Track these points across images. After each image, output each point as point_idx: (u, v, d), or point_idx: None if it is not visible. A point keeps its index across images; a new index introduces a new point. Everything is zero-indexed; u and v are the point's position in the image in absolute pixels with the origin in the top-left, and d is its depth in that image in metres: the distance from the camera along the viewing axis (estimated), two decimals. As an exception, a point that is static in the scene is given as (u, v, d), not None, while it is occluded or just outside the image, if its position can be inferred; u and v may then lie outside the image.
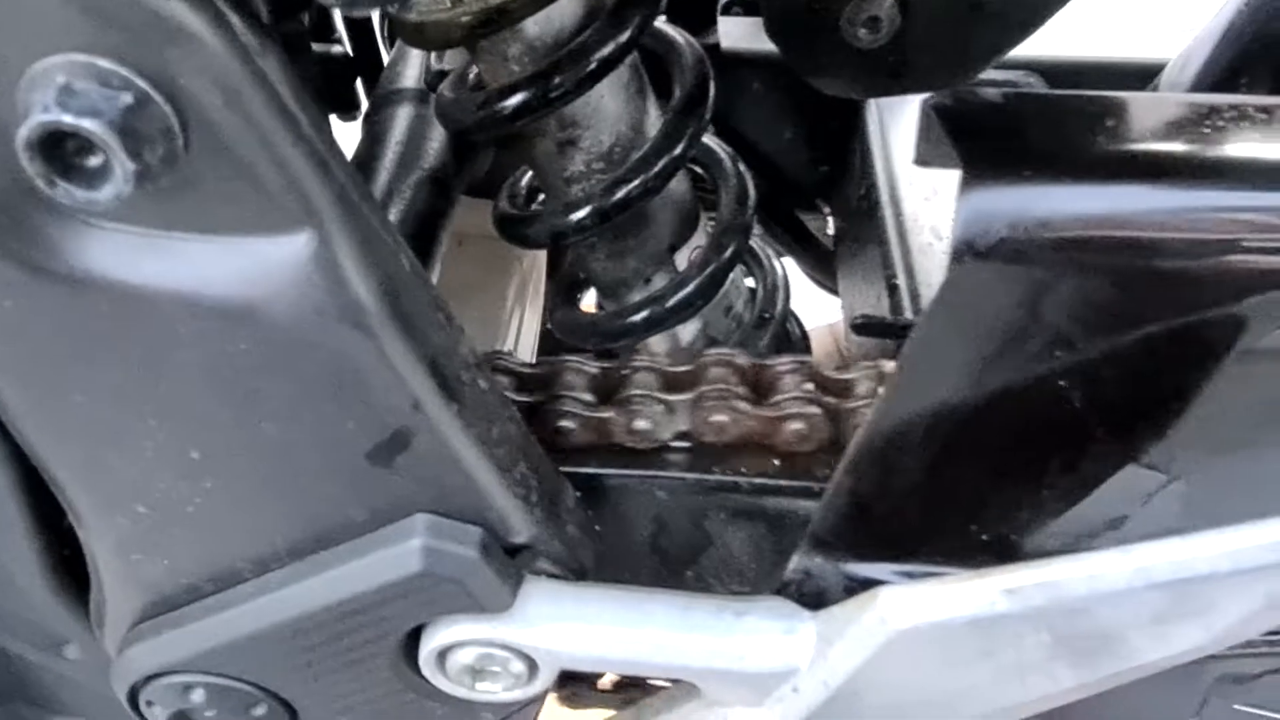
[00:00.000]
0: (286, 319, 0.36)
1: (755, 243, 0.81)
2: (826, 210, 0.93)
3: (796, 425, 0.53)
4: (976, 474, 0.46)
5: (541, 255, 0.99)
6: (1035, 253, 0.39)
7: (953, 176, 0.40)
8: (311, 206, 0.35)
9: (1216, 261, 0.39)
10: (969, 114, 0.43)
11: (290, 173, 0.34)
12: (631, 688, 0.81)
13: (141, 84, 0.31)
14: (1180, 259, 0.39)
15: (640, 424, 0.53)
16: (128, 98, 0.31)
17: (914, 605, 0.42)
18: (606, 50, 0.59)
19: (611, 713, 0.61)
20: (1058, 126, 0.42)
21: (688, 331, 0.75)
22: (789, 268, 0.94)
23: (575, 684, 0.82)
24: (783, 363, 0.56)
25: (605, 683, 0.86)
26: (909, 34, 0.57)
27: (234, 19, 0.32)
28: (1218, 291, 0.40)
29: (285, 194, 0.34)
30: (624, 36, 0.59)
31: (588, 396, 0.56)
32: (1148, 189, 0.39)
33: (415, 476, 0.42)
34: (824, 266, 0.92)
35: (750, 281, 0.80)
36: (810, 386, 0.54)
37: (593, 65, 0.59)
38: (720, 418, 0.52)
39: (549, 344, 0.97)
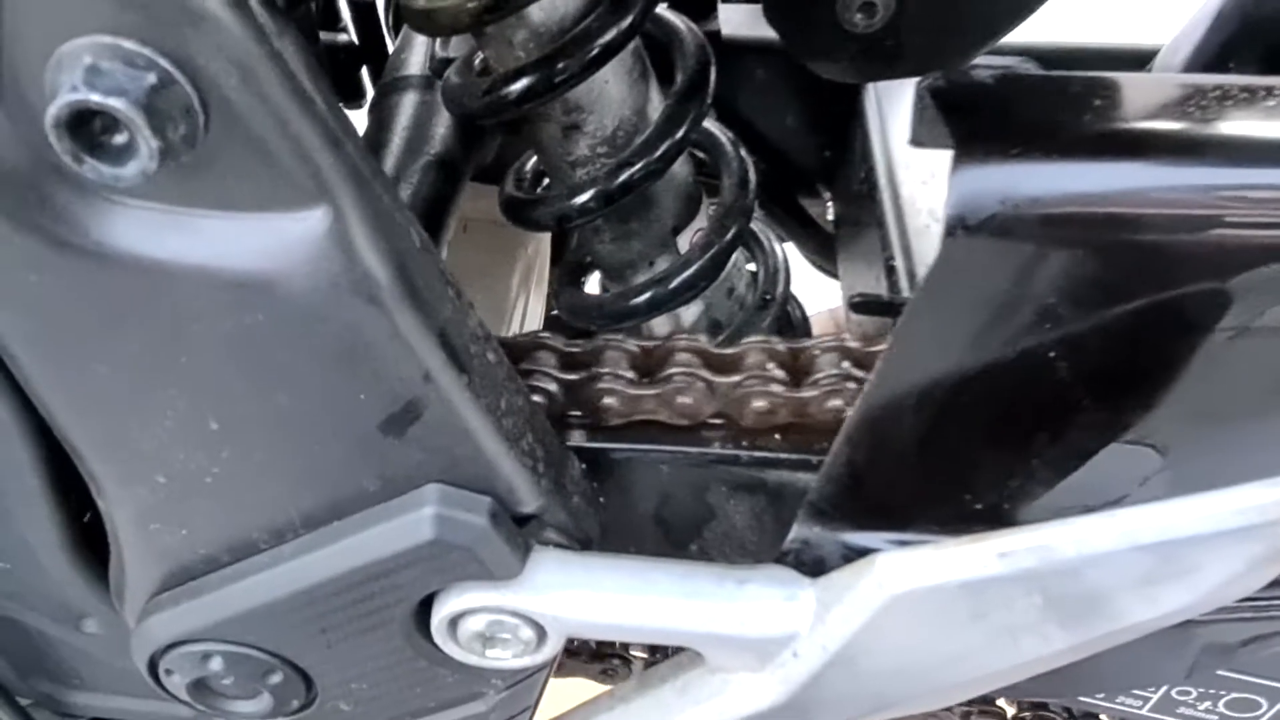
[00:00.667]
0: (302, 293, 0.38)
1: (757, 226, 0.82)
2: (828, 195, 0.94)
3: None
4: (969, 445, 0.47)
5: (546, 241, 1.00)
6: (1025, 228, 0.40)
7: (948, 160, 0.42)
8: (326, 184, 0.36)
9: (1200, 237, 0.40)
10: (962, 94, 0.44)
11: (305, 151, 0.36)
12: (611, 657, 0.82)
13: (164, 64, 0.32)
14: (1165, 234, 0.40)
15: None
16: (151, 77, 0.32)
17: (909, 570, 0.44)
18: (609, 36, 0.60)
19: (610, 686, 0.63)
20: (1047, 106, 0.43)
21: (690, 313, 0.77)
22: (791, 253, 0.96)
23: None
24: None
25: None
26: (904, 18, 0.59)
27: (251, 1, 0.33)
28: (1202, 267, 0.41)
29: (300, 171, 0.36)
30: (626, 22, 0.61)
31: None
32: (1133, 166, 0.41)
33: (427, 447, 0.43)
34: (825, 251, 0.93)
35: (752, 266, 0.81)
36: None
37: (596, 51, 0.60)
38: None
39: (553, 328, 0.98)
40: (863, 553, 0.49)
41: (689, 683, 0.53)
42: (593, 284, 0.83)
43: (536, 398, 0.55)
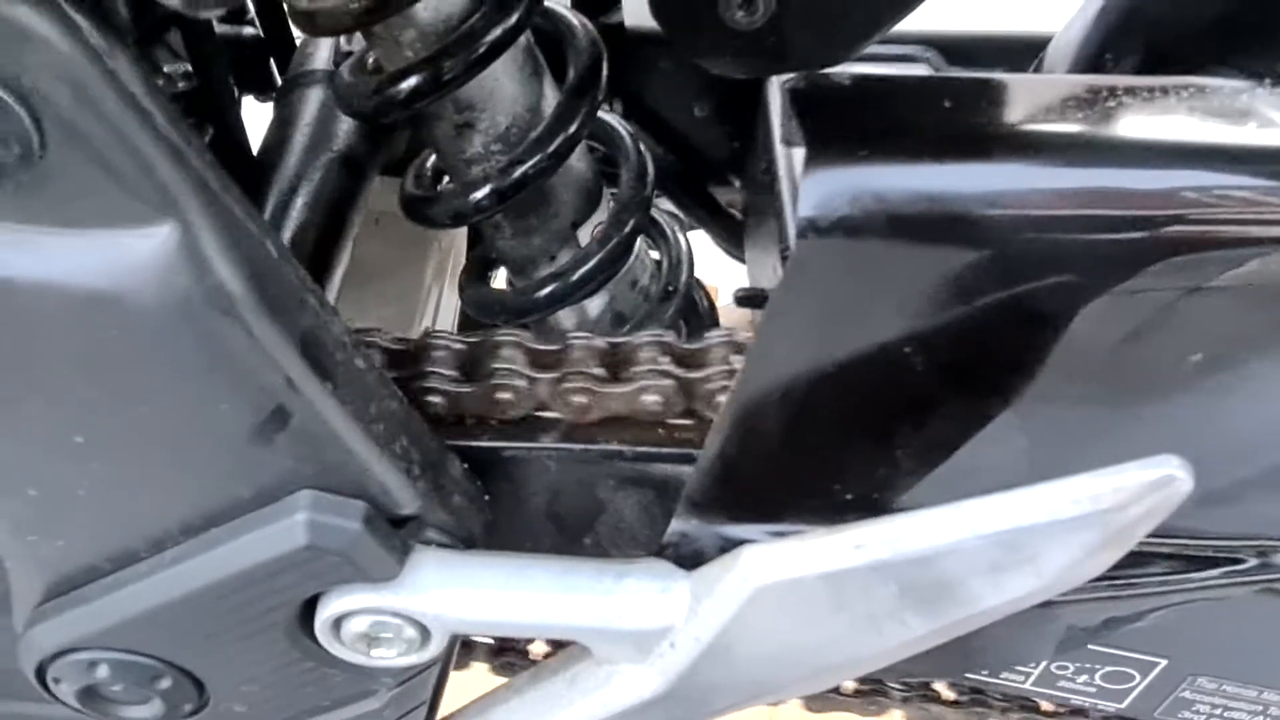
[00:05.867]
0: (154, 308, 0.38)
1: (661, 218, 0.83)
2: (738, 184, 0.95)
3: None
4: (834, 438, 0.49)
5: (461, 235, 1.00)
6: (873, 229, 0.42)
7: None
8: (171, 198, 0.37)
9: (1041, 237, 0.42)
10: (817, 95, 0.45)
11: (147, 166, 0.36)
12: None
13: (-9, 86, 0.32)
14: (1007, 235, 0.42)
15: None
16: (-23, 99, 0.32)
17: (772, 562, 0.45)
18: (496, 34, 0.61)
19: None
20: (898, 108, 0.44)
21: (595, 305, 0.77)
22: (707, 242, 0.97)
23: (508, 654, 0.85)
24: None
25: (537, 651, 0.88)
26: (785, 14, 0.59)
27: (81, 21, 0.33)
28: (1043, 266, 0.42)
29: (144, 187, 0.36)
30: (512, 20, 0.61)
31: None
32: (977, 167, 0.42)
33: (296, 454, 0.44)
34: (736, 239, 0.94)
35: (657, 255, 0.82)
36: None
37: (483, 49, 0.61)
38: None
39: (468, 324, 0.98)
40: (739, 545, 0.50)
41: (577, 675, 0.54)
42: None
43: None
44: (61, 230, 0.37)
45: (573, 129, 0.66)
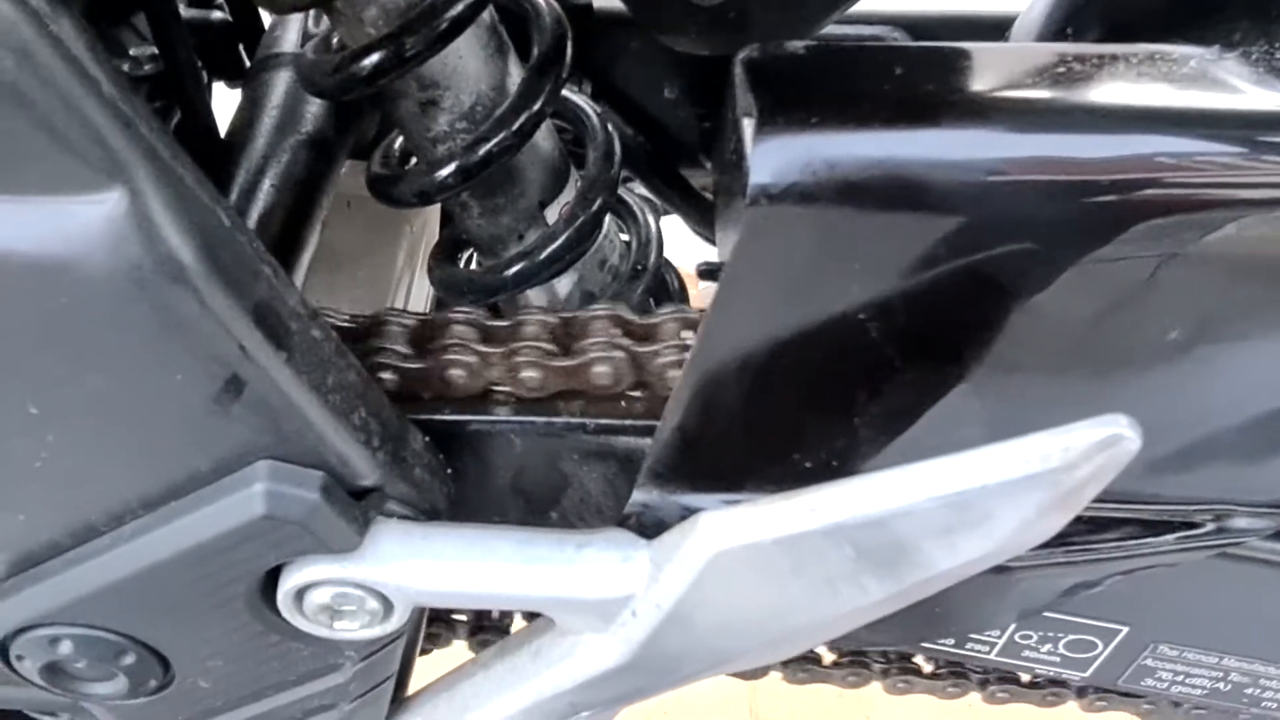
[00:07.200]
0: (104, 276, 0.38)
1: (631, 198, 0.83)
2: (710, 167, 0.95)
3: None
4: (792, 406, 0.49)
5: (433, 218, 1.00)
6: (824, 196, 0.42)
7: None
8: (119, 164, 0.36)
9: (987, 202, 0.42)
10: (769, 64, 0.45)
11: (94, 132, 0.36)
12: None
13: (-69, 49, 0.32)
14: (956, 201, 0.42)
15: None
16: (-83, 62, 0.32)
17: (730, 527, 0.45)
18: (457, 10, 0.61)
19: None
20: (850, 75, 0.45)
21: (564, 285, 0.78)
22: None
23: (486, 632, 0.85)
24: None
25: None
26: (746, -10, 0.60)
27: (22, -15, 0.33)
28: (990, 232, 0.43)
29: (91, 152, 0.36)
30: (474, -4, 0.61)
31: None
32: (926, 133, 0.42)
33: (252, 424, 0.44)
34: (708, 222, 0.94)
35: (626, 236, 0.82)
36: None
37: (444, 25, 0.61)
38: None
39: (443, 307, 0.98)
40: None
41: (542, 646, 0.54)
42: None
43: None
44: (9, 196, 0.37)
45: (537, 106, 0.66)
